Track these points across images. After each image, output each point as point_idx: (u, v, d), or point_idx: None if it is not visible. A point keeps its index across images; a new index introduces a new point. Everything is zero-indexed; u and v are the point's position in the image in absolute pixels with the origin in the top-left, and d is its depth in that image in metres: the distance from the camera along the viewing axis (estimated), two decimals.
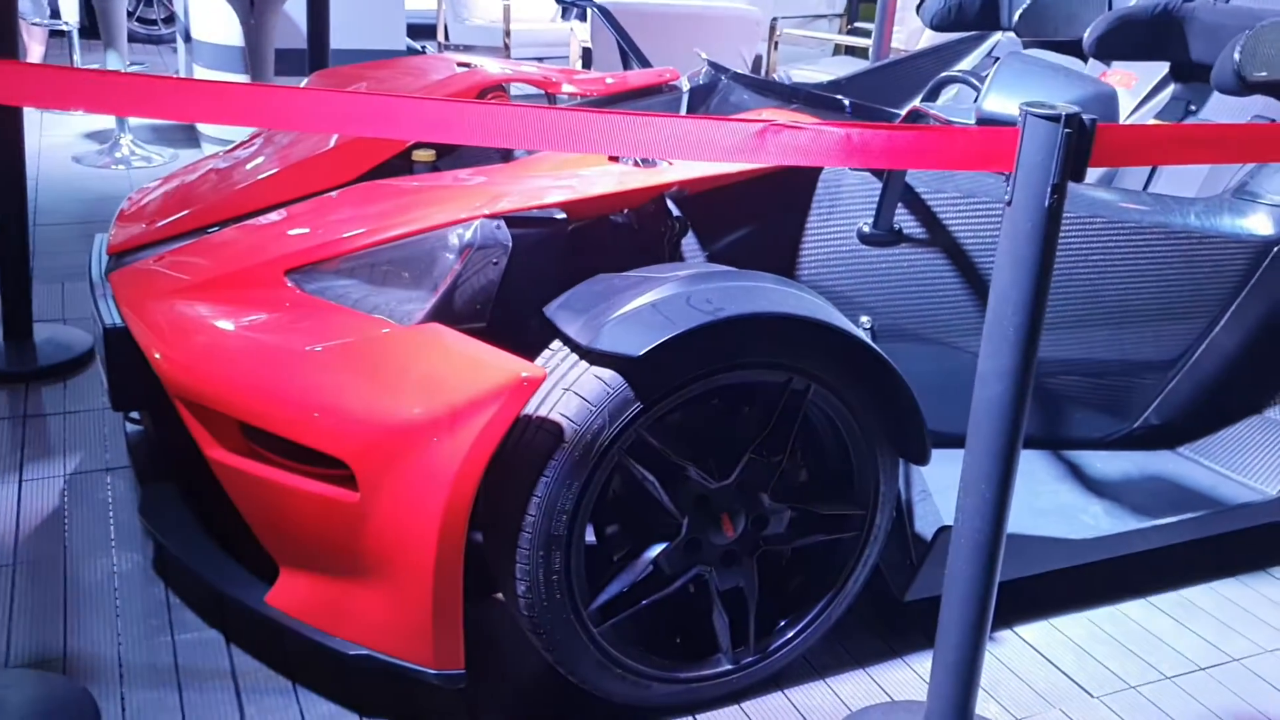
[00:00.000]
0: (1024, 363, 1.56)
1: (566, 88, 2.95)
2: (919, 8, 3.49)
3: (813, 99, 2.68)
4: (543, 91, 2.97)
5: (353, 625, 1.80)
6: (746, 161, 1.47)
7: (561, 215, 1.97)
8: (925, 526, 2.15)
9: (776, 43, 5.87)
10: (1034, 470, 2.58)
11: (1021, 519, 2.35)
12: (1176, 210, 2.48)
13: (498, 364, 1.65)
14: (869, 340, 1.89)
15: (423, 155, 2.48)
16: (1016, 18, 3.19)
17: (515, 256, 1.90)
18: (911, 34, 5.94)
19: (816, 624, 2.05)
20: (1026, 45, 3.60)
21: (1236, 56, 2.56)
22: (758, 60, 5.35)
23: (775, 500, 1.95)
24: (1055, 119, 1.45)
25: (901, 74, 3.73)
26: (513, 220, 1.92)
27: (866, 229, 2.32)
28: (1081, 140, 1.47)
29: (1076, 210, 2.37)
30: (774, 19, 6.08)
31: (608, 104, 2.89)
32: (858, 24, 6.77)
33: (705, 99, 2.94)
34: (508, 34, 6.46)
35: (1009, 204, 1.51)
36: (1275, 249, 2.49)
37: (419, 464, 1.64)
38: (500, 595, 1.94)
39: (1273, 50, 2.62)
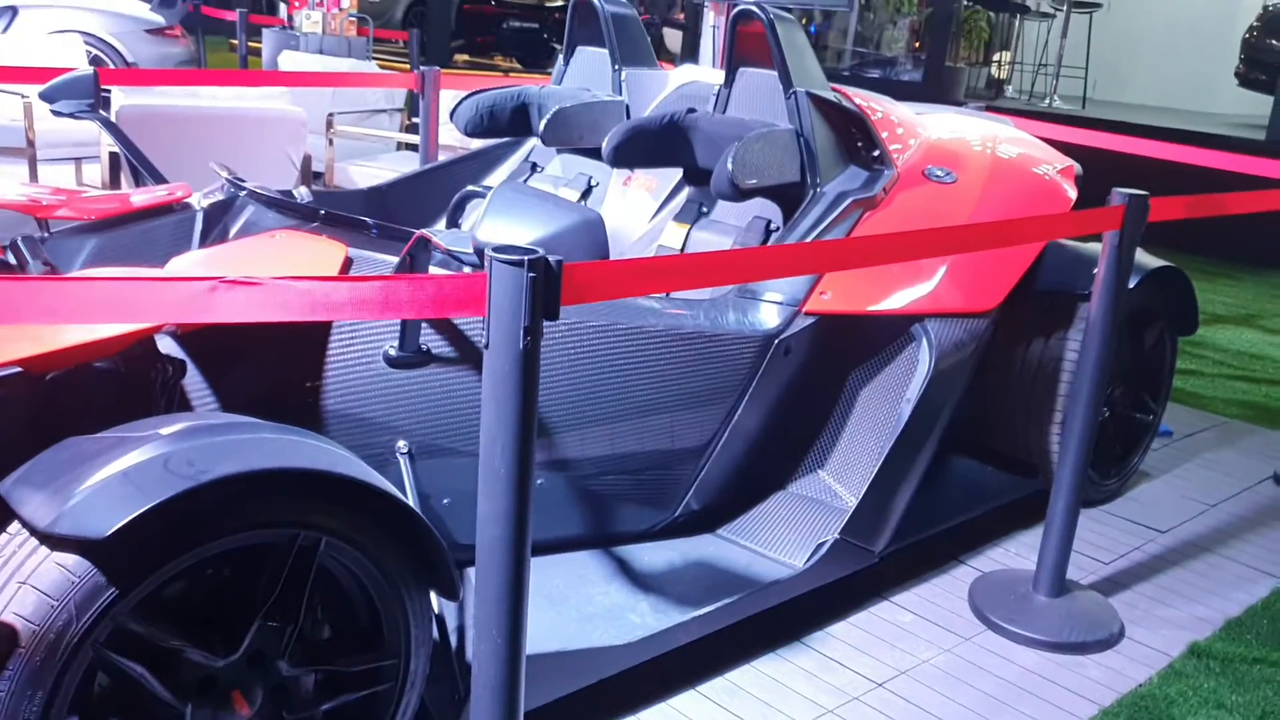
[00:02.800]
0: (520, 500, 1.55)
1: (61, 212, 2.65)
2: (452, 114, 3.52)
3: (334, 219, 2.59)
4: (32, 217, 2.65)
5: None
6: (197, 321, 1.35)
7: (16, 371, 1.73)
8: None
9: (331, 139, 5.74)
10: (585, 573, 2.62)
11: (571, 630, 2.36)
12: (689, 312, 2.65)
13: None
14: (380, 482, 1.81)
15: None
16: (543, 126, 3.29)
17: None
18: None
19: None
20: (559, 151, 3.75)
21: (729, 166, 2.78)
22: (307, 160, 5.20)
23: (295, 665, 1.81)
24: (520, 264, 1.45)
25: (444, 179, 3.75)
26: None
27: (393, 352, 2.27)
28: (549, 281, 1.49)
29: (596, 319, 2.46)
30: (330, 115, 5.94)
31: (105, 229, 2.63)
32: (417, 119, 6.80)
33: (222, 217, 2.76)
34: (31, 131, 5.82)
35: (486, 347, 1.50)
36: (776, 341, 2.72)
37: None
38: None
39: (759, 160, 2.88)
